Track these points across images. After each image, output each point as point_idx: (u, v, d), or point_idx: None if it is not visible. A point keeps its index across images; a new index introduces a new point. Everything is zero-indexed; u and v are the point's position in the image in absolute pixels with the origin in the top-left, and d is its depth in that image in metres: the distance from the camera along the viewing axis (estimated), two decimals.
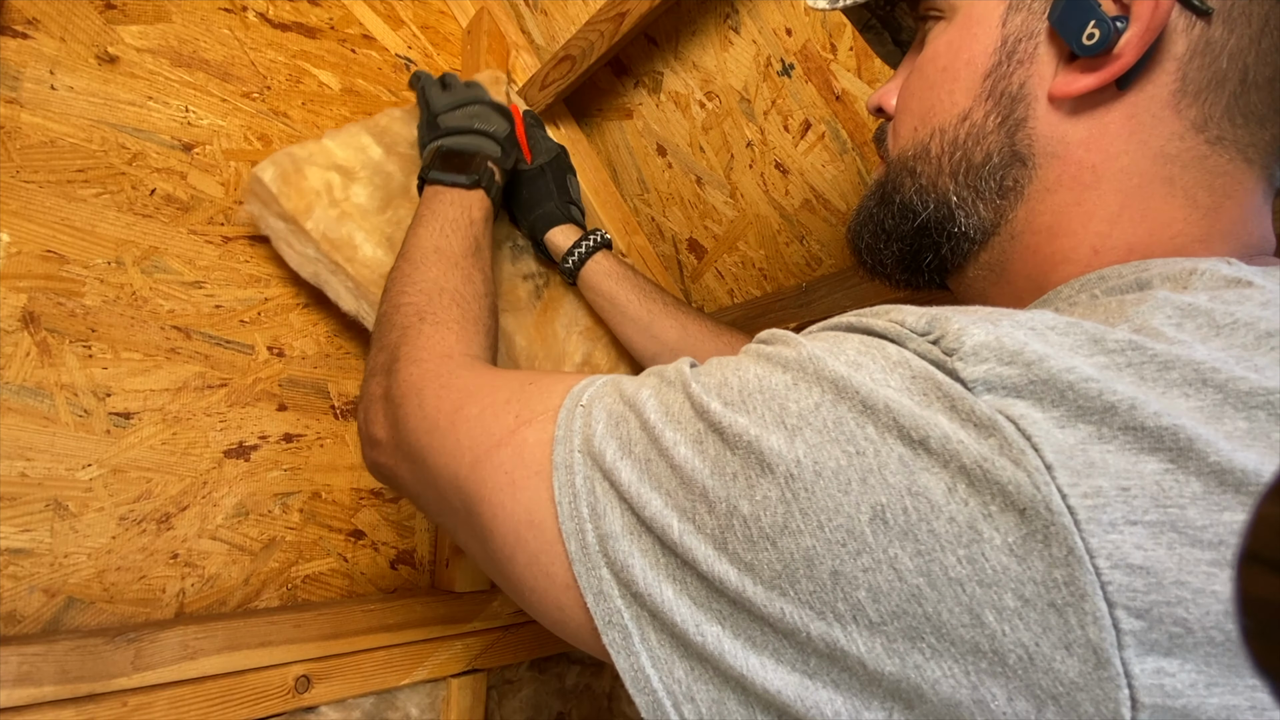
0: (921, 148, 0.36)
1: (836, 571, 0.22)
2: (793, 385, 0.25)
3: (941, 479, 0.21)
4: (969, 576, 0.21)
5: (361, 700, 0.61)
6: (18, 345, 0.54)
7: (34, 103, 0.57)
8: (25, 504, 0.52)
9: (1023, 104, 0.33)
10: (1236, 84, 0.29)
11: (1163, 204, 0.30)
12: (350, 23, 0.77)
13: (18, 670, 0.44)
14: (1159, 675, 0.19)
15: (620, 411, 0.30)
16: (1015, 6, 0.33)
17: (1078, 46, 0.30)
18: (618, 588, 0.27)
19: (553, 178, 0.75)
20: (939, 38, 0.36)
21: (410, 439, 0.39)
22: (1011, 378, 0.22)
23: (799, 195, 0.80)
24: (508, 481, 0.32)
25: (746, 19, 0.71)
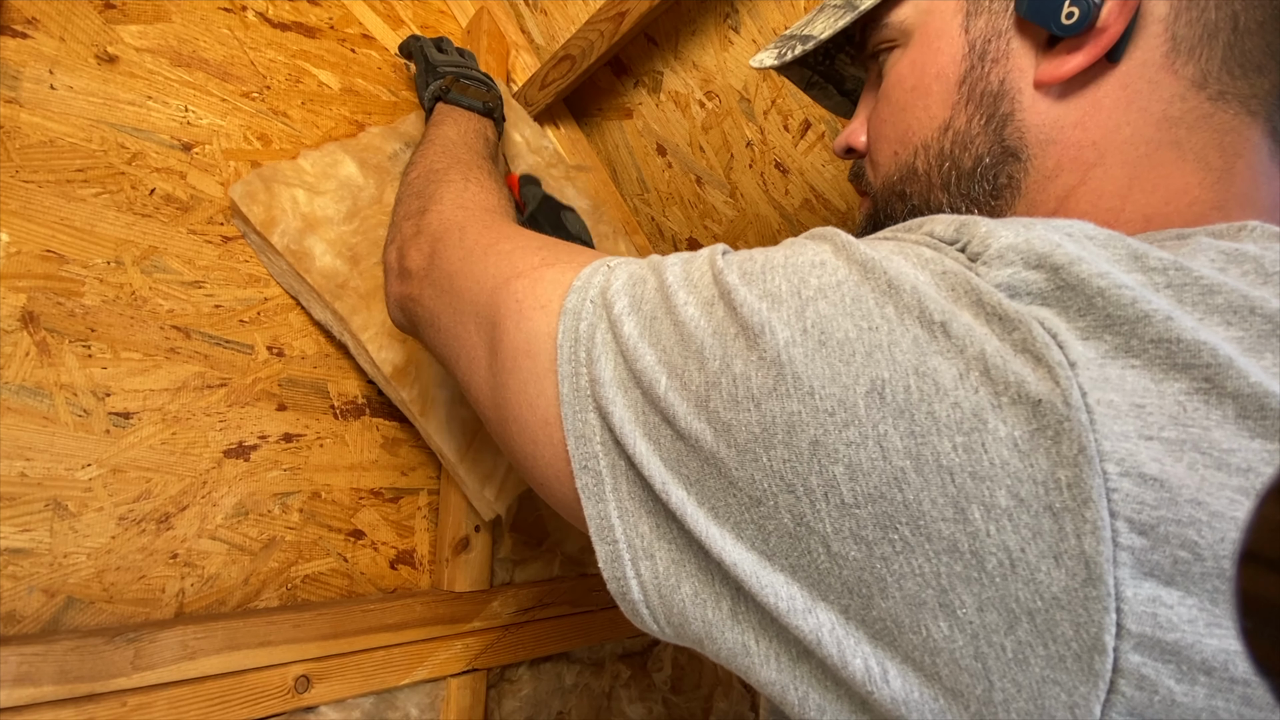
0: (907, 168, 0.36)
1: (817, 441, 0.21)
2: (819, 264, 0.24)
3: (955, 364, 0.20)
4: (962, 466, 0.19)
5: (361, 700, 0.61)
6: (17, 345, 0.54)
7: (33, 102, 0.57)
8: (25, 504, 0.52)
9: (1006, 99, 0.32)
10: (1229, 33, 0.28)
11: (1174, 170, 0.29)
12: (350, 22, 0.77)
13: (17, 670, 0.44)
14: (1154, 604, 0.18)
15: (642, 274, 0.30)
16: (973, 12, 0.33)
17: (1059, 28, 0.30)
18: (600, 433, 0.27)
19: (546, 220, 0.75)
20: (898, 64, 0.36)
21: (446, 266, 0.40)
22: (1037, 283, 0.21)
23: (799, 195, 0.80)
24: (516, 309, 0.32)
25: (746, 19, 0.71)
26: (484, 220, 0.42)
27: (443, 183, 0.49)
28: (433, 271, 0.41)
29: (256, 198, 0.64)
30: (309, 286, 0.65)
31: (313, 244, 0.65)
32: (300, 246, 0.65)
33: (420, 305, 0.42)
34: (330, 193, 0.68)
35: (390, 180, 0.72)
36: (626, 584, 0.26)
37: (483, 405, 0.35)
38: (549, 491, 0.30)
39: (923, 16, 0.35)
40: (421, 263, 0.43)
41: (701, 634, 0.25)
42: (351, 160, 0.70)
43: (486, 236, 0.39)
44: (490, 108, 0.64)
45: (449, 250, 0.41)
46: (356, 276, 0.66)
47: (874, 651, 0.21)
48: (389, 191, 0.71)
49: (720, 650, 0.25)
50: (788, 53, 0.41)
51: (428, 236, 0.43)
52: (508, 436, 0.32)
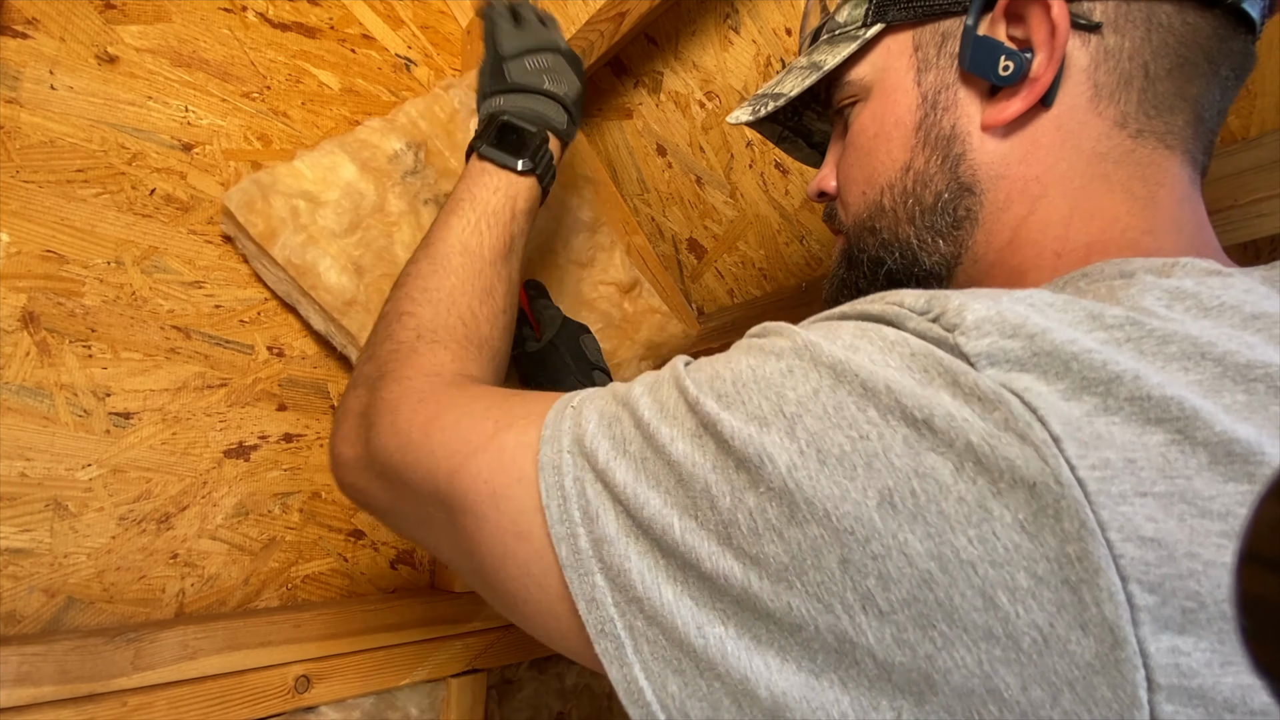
0: (875, 206, 0.39)
1: (845, 560, 0.22)
2: (788, 373, 0.25)
3: (948, 458, 0.21)
4: (981, 557, 0.20)
5: (361, 700, 0.61)
6: (17, 345, 0.54)
7: (34, 103, 0.57)
8: (25, 504, 0.52)
9: (958, 141, 0.36)
10: (1142, 80, 0.32)
11: (1106, 200, 0.33)
12: (350, 23, 0.77)
13: (18, 670, 0.44)
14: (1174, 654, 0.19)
15: (613, 411, 0.29)
16: (924, 68, 0.37)
17: (997, 79, 0.34)
18: (611, 594, 0.26)
19: (566, 350, 0.70)
20: (860, 115, 0.40)
21: (382, 456, 0.38)
22: (1015, 351, 0.22)
23: (799, 195, 0.80)
24: (489, 492, 0.31)
25: (746, 19, 0.71)
26: (420, 394, 0.40)
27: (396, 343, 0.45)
28: (372, 462, 0.40)
29: (254, 207, 0.62)
30: (313, 301, 0.64)
31: (317, 258, 0.63)
32: (304, 261, 0.63)
33: (370, 496, 0.41)
34: (331, 203, 0.66)
35: (391, 185, 0.70)
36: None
37: (475, 584, 0.34)
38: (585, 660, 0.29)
39: (879, 73, 0.39)
40: (356, 451, 0.41)
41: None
42: (351, 162, 0.68)
43: (422, 413, 0.37)
44: (531, 166, 0.54)
45: (381, 438, 0.39)
46: (363, 291, 0.65)
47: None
48: (390, 198, 0.69)
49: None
50: (761, 109, 0.44)
51: (366, 419, 0.41)
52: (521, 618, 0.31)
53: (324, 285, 0.63)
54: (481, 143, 0.55)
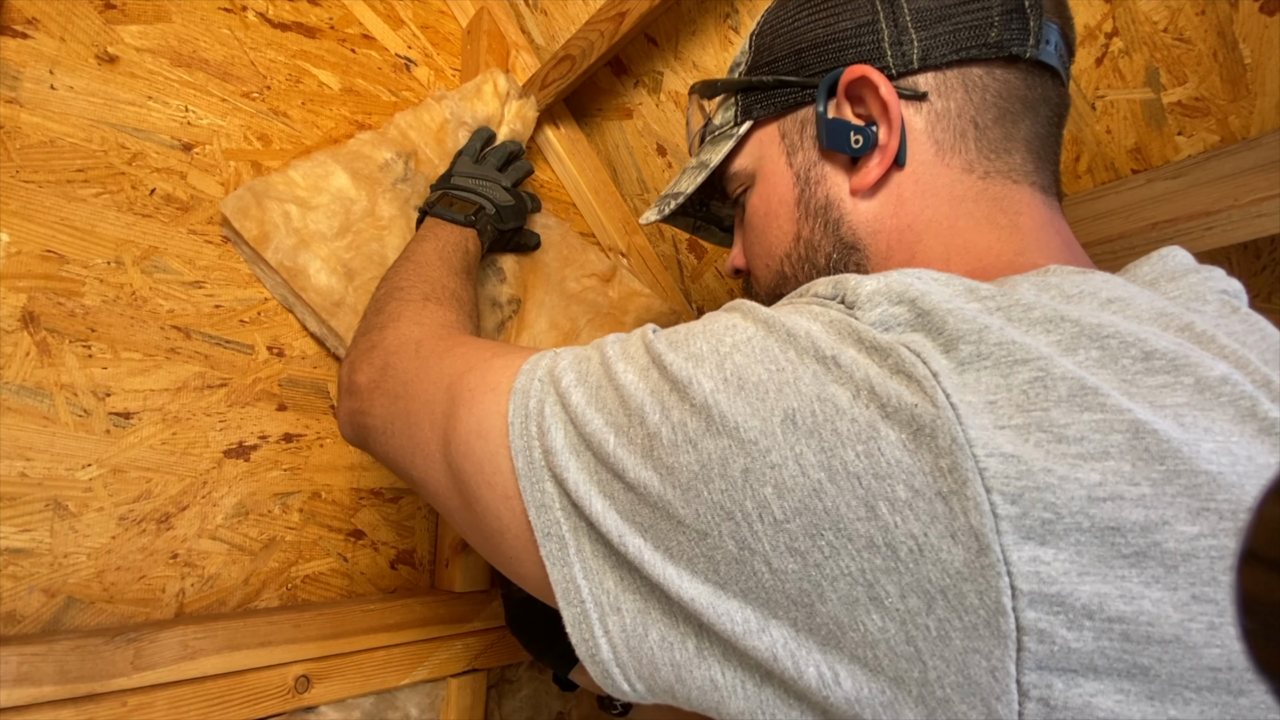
0: (779, 275, 0.44)
1: (747, 469, 0.25)
2: (730, 326, 0.29)
3: (847, 388, 0.24)
4: (866, 470, 0.23)
5: (361, 700, 0.61)
6: (17, 345, 0.54)
7: (34, 102, 0.57)
8: (25, 504, 0.52)
9: (834, 208, 0.40)
10: (974, 131, 0.37)
11: (975, 234, 0.37)
12: (350, 23, 0.77)
13: (17, 670, 0.44)
14: (1035, 563, 0.21)
15: (586, 353, 0.33)
16: (792, 151, 0.42)
17: (852, 152, 0.39)
18: (559, 499, 0.30)
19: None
20: (751, 199, 0.45)
21: (399, 375, 0.43)
22: (902, 315, 0.26)
23: None
24: (469, 397, 0.35)
25: (746, 18, 0.71)
26: (439, 333, 0.46)
27: (405, 302, 0.51)
28: (384, 382, 0.44)
29: (249, 213, 0.63)
30: (304, 302, 0.65)
31: (307, 261, 0.65)
32: (295, 263, 0.64)
33: (371, 416, 0.45)
34: (322, 207, 0.67)
35: (382, 192, 0.71)
36: (596, 644, 0.28)
37: (443, 497, 0.37)
38: (516, 567, 0.33)
39: (758, 162, 0.44)
40: (373, 376, 0.46)
41: (672, 679, 0.28)
42: (343, 171, 0.70)
43: (441, 345, 0.43)
44: (472, 220, 0.66)
45: (403, 362, 0.44)
46: (352, 293, 0.66)
47: (824, 658, 0.23)
48: (381, 204, 0.71)
49: (691, 692, 0.27)
50: (665, 208, 0.49)
51: (381, 352, 0.46)
52: (472, 520, 0.35)
53: (313, 287, 0.65)
54: (434, 207, 0.67)
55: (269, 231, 0.64)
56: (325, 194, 0.68)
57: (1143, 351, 0.24)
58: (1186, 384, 0.24)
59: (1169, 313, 0.27)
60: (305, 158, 0.69)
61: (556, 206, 0.94)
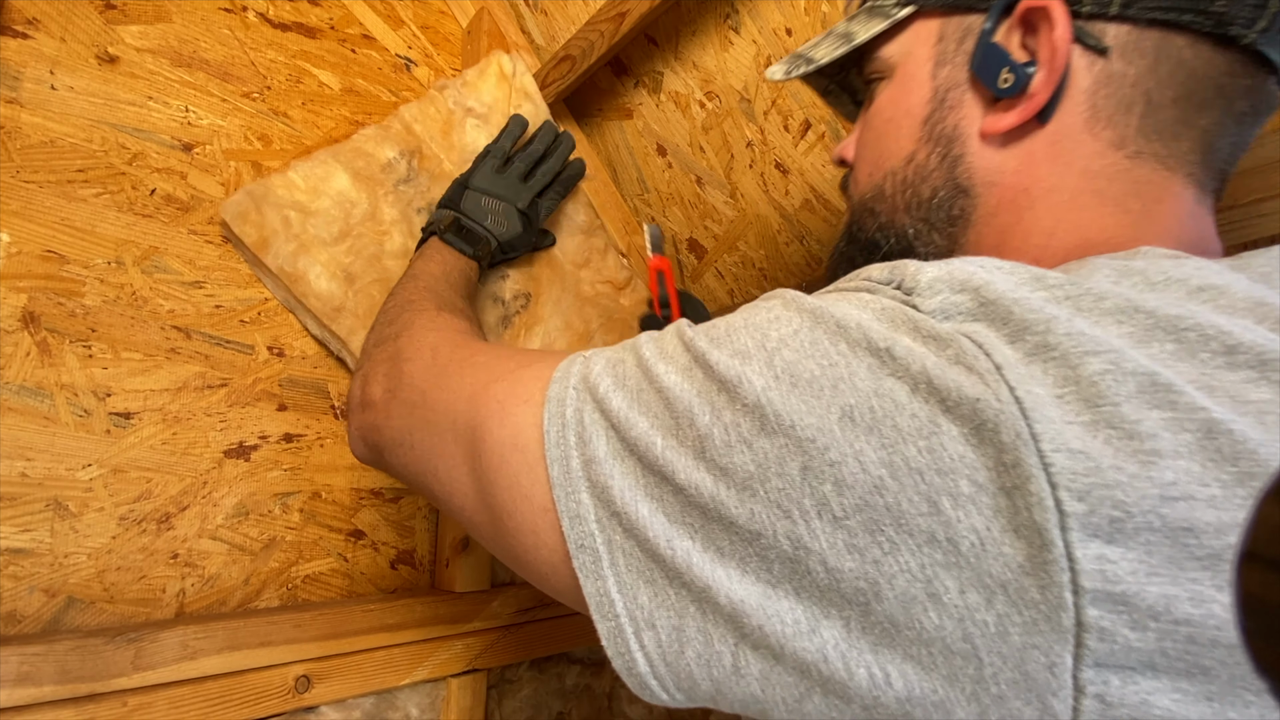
0: (877, 190, 0.40)
1: (806, 467, 0.24)
2: (774, 319, 0.28)
3: (905, 381, 0.23)
4: (928, 465, 0.22)
5: (361, 700, 0.61)
6: (18, 345, 0.54)
7: (34, 103, 0.57)
8: (25, 504, 0.52)
9: (958, 143, 0.37)
10: (1143, 106, 0.33)
11: (1095, 214, 0.33)
12: (350, 23, 0.77)
13: (18, 670, 0.44)
14: (1100, 561, 0.20)
15: (619, 355, 0.32)
16: (941, 61, 0.37)
17: (996, 90, 0.34)
18: (594, 510, 0.29)
19: None
20: (881, 94, 0.41)
21: (416, 385, 0.42)
22: (964, 304, 0.25)
23: (799, 195, 0.80)
24: (498, 409, 0.34)
25: (746, 19, 0.71)
26: (455, 340, 0.44)
27: (418, 312, 0.50)
28: (401, 391, 0.43)
29: (248, 218, 0.63)
30: (305, 307, 0.65)
31: (307, 266, 0.65)
32: (295, 269, 0.64)
33: (387, 429, 0.43)
34: (322, 212, 0.67)
35: (384, 193, 0.71)
36: (632, 658, 0.28)
37: (469, 512, 0.36)
38: (551, 581, 0.32)
39: (904, 56, 0.39)
40: (388, 385, 0.44)
41: (712, 692, 0.27)
42: (344, 172, 0.69)
43: (460, 353, 0.41)
44: (479, 256, 0.65)
45: (419, 369, 0.42)
46: (352, 297, 0.66)
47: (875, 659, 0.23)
48: (382, 207, 0.71)
49: (733, 704, 0.27)
50: (794, 71, 0.45)
51: (397, 360, 0.45)
52: (503, 535, 0.33)
53: (314, 292, 0.65)
54: (442, 232, 0.65)
55: (268, 237, 0.64)
56: (325, 197, 0.68)
57: (1225, 345, 0.23)
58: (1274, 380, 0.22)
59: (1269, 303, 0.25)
60: (306, 157, 0.69)
61: None
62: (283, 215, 0.65)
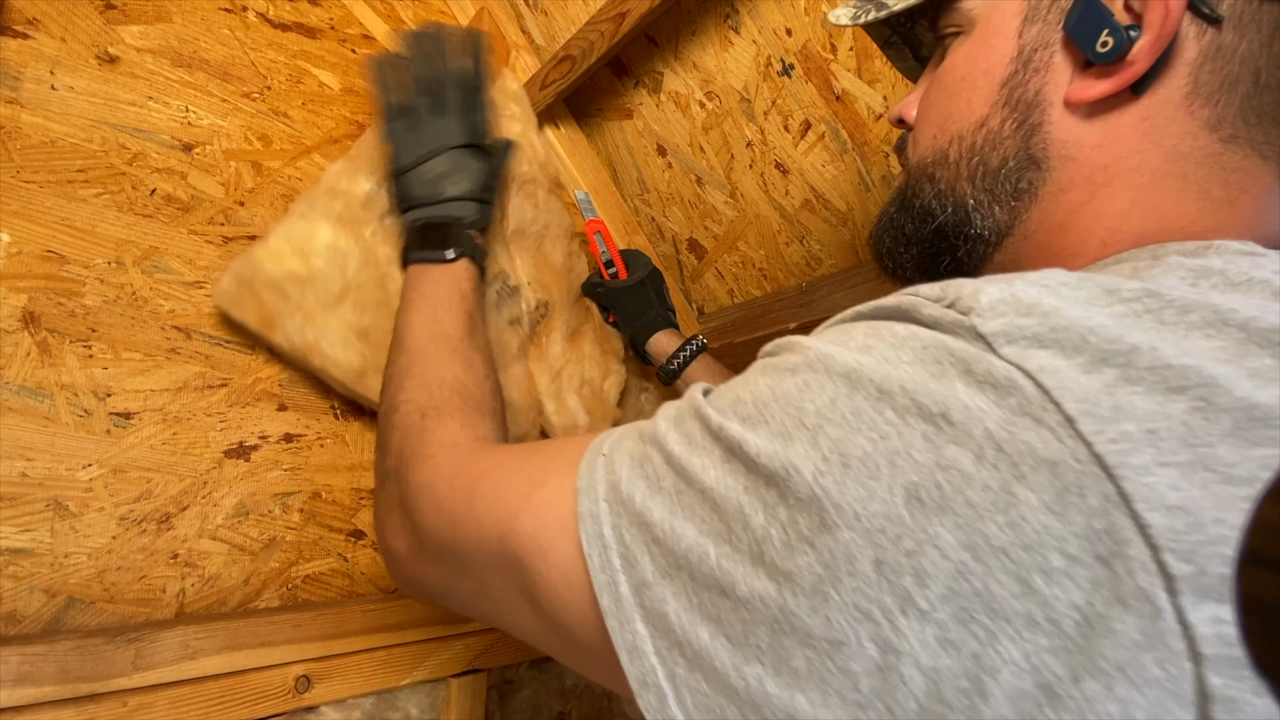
0: (940, 154, 0.38)
1: (879, 561, 0.21)
2: (805, 386, 0.25)
3: (968, 448, 0.21)
4: (1012, 542, 0.20)
5: (361, 700, 0.61)
6: (18, 345, 0.54)
7: (34, 103, 0.57)
8: (25, 504, 0.52)
9: (1038, 109, 0.34)
10: (1249, 86, 0.30)
11: (1175, 199, 0.31)
12: (350, 23, 0.77)
13: (18, 670, 0.44)
14: (1216, 624, 0.18)
15: (643, 451, 0.29)
16: (1031, 18, 0.34)
17: (1092, 54, 0.31)
18: (652, 641, 0.26)
19: (653, 289, 0.84)
20: (957, 50, 0.38)
21: (434, 537, 0.38)
22: (1031, 327, 0.22)
23: (799, 195, 0.80)
24: (536, 547, 0.31)
25: (746, 19, 0.71)
26: (451, 468, 0.40)
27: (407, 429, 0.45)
28: (426, 547, 0.40)
29: (245, 302, 0.60)
30: (327, 375, 0.64)
31: (318, 336, 0.61)
32: (305, 341, 0.61)
33: (427, 581, 0.41)
34: (317, 274, 0.62)
35: (372, 232, 0.65)
36: None
37: (545, 642, 0.34)
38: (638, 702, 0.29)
39: (989, 10, 0.36)
40: (409, 541, 0.41)
41: None
42: (325, 222, 0.64)
43: (459, 489, 0.38)
44: (461, 251, 0.57)
45: (433, 520, 0.39)
46: (372, 354, 0.63)
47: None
48: (374, 247, 0.65)
49: None
50: (862, 15, 0.42)
51: (404, 511, 0.42)
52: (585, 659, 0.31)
53: (332, 361, 0.62)
54: (409, 252, 0.59)
55: (271, 315, 0.61)
56: (316, 256, 0.63)
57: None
58: None
59: None
60: (284, 217, 0.65)
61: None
62: (279, 290, 0.61)
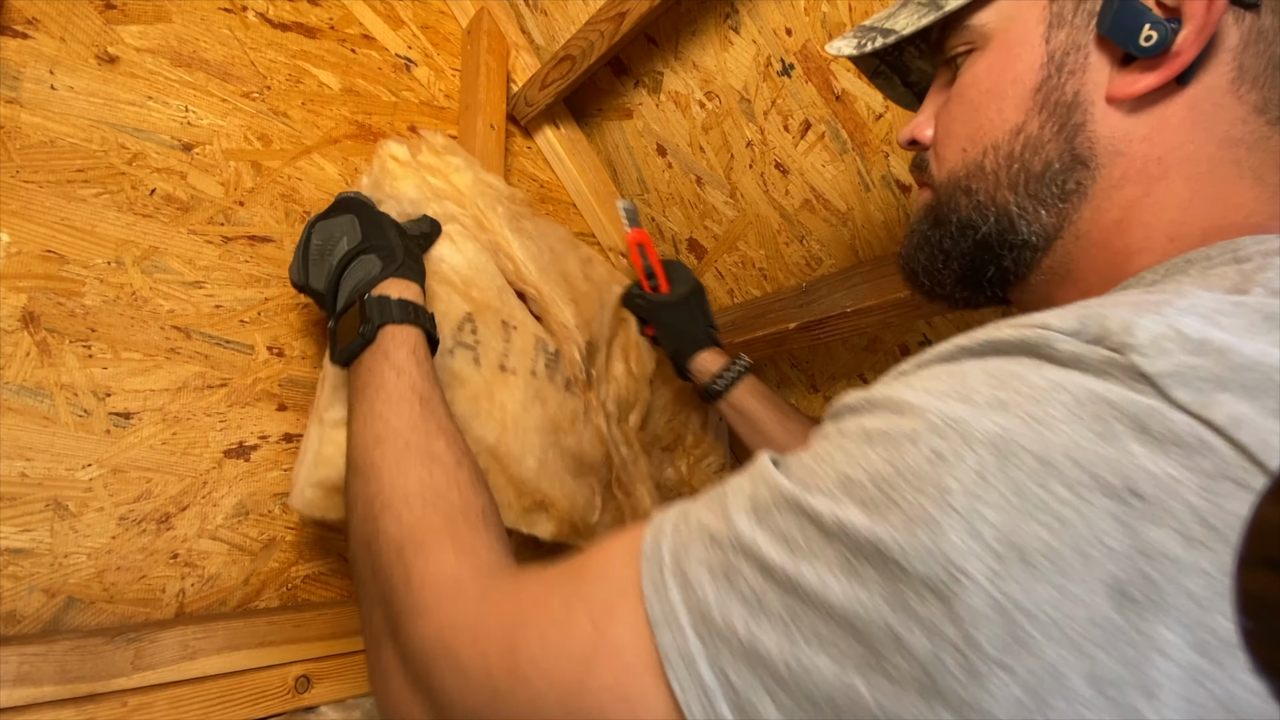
0: (975, 166, 0.37)
1: (1094, 675, 0.18)
2: (938, 458, 0.21)
3: (1170, 527, 0.18)
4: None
5: (362, 700, 0.61)
6: (18, 345, 0.54)
7: (34, 103, 0.57)
8: (25, 504, 0.52)
9: (1079, 110, 0.33)
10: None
11: (1232, 186, 0.31)
12: (350, 23, 0.77)
13: (18, 670, 0.44)
14: None
15: (724, 561, 0.24)
16: (1056, 24, 0.34)
17: (1136, 49, 0.31)
18: None
19: (696, 305, 0.81)
20: (974, 65, 0.37)
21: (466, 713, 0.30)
22: (1207, 369, 0.19)
23: (799, 195, 0.80)
24: (621, 698, 0.25)
25: (746, 19, 0.71)
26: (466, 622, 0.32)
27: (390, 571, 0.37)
28: None
29: (328, 503, 0.54)
30: None
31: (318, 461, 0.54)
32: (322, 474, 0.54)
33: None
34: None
35: None
36: None
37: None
38: None
39: (1005, 22, 0.36)
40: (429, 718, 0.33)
41: None
42: None
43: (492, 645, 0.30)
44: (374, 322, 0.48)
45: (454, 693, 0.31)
46: None
47: None
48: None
49: None
50: (867, 44, 0.42)
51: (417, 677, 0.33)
52: None
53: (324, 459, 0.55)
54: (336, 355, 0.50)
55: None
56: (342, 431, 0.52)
57: None
58: None
59: None
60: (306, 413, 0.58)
61: (557, 207, 0.94)
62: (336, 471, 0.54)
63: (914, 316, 0.69)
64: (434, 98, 0.84)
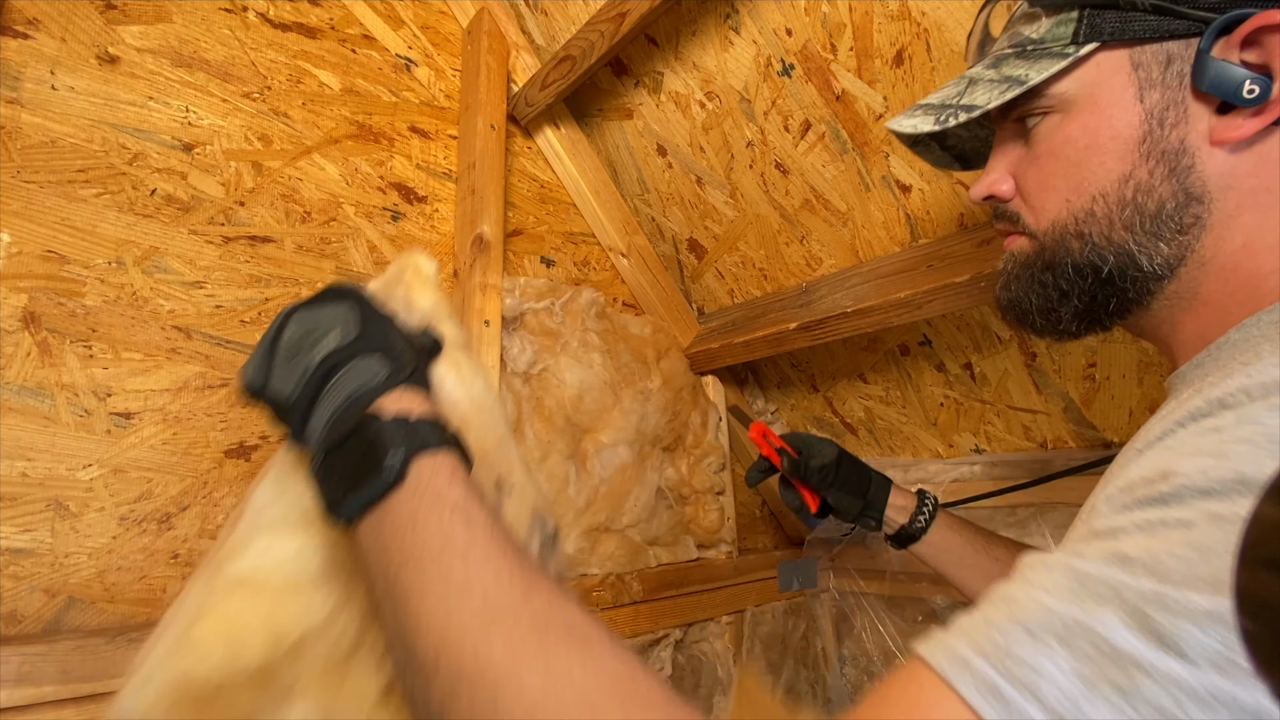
0: (1084, 213, 0.41)
1: None
2: None
3: None
4: None
5: None
6: (18, 345, 0.54)
7: (35, 103, 0.57)
8: (26, 504, 0.52)
9: (1186, 155, 0.38)
10: None
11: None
12: (350, 23, 0.77)
13: (19, 670, 0.44)
14: None
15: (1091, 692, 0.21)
16: (1146, 86, 0.39)
17: (1240, 101, 0.36)
18: None
19: (851, 462, 0.74)
20: (1061, 127, 0.42)
21: None
22: None
23: (799, 195, 0.80)
24: None
25: (747, 19, 0.71)
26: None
27: None
28: None
29: None
30: None
31: None
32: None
33: None
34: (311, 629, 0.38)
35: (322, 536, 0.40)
36: None
37: None
38: None
39: (1088, 89, 0.40)
40: None
41: None
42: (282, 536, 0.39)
43: None
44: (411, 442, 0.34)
45: None
46: None
47: None
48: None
49: None
50: (949, 119, 0.45)
51: None
52: None
53: None
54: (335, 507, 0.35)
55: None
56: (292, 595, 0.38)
57: None
58: None
59: None
60: None
61: (557, 207, 0.94)
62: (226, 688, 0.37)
63: (914, 316, 0.69)
64: (434, 98, 0.84)
